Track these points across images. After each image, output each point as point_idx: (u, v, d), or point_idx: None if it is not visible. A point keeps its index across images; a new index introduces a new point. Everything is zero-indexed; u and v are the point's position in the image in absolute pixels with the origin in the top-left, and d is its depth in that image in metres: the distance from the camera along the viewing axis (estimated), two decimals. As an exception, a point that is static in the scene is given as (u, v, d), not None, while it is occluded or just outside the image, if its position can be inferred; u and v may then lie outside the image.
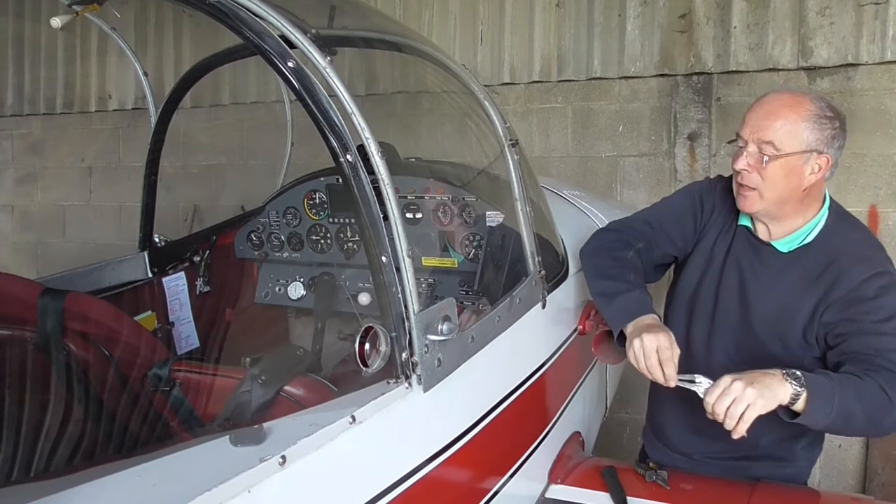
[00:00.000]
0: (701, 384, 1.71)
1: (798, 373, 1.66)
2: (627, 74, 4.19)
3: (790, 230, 1.89)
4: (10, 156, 6.36)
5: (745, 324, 1.94)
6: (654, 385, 2.20)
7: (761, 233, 1.94)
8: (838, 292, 1.81)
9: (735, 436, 1.64)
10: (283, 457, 1.08)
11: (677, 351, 1.76)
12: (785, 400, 1.64)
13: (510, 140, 2.01)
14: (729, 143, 1.91)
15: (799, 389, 1.64)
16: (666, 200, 2.17)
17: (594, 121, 4.34)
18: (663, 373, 1.75)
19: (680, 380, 1.75)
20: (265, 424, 1.19)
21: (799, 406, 1.64)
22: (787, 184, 1.81)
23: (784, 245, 1.90)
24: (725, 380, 1.66)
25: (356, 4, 2.27)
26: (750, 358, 1.95)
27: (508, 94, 4.46)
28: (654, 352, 1.75)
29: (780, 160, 1.77)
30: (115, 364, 1.78)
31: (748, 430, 1.63)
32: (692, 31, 4.00)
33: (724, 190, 2.01)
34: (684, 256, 2.08)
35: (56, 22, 1.60)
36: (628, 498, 1.88)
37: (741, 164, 1.82)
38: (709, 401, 1.66)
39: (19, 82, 6.09)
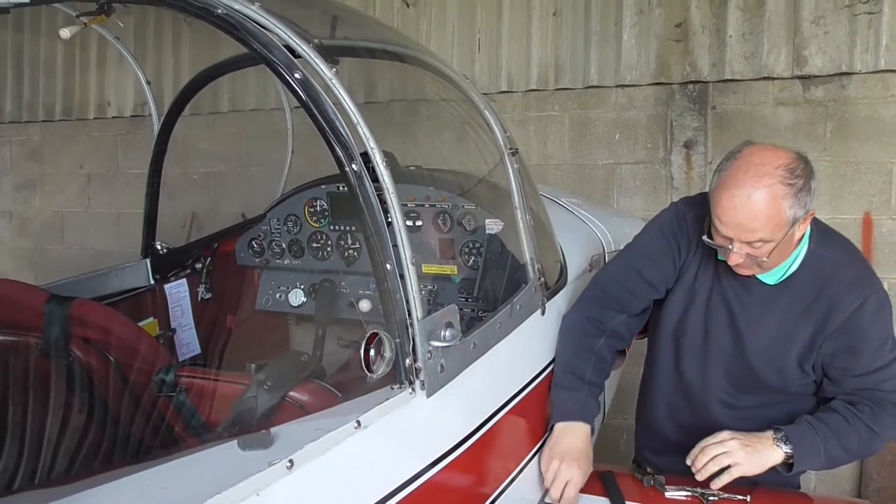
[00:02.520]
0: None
1: (786, 434, 1.80)
2: (624, 83, 4.23)
3: None
4: (8, 163, 6.37)
5: (740, 357, 1.95)
6: (643, 390, 2.23)
7: None
8: (834, 323, 1.83)
9: (715, 486, 1.81)
10: (291, 461, 1.10)
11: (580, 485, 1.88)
12: (778, 461, 1.81)
13: (510, 149, 2.03)
14: (709, 243, 1.81)
15: (790, 451, 1.80)
16: (640, 242, 2.10)
17: (591, 129, 4.37)
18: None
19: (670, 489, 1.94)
20: (272, 429, 1.21)
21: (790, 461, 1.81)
22: (785, 252, 1.80)
23: (770, 278, 1.88)
24: (724, 433, 1.82)
25: (356, 14, 2.30)
26: (746, 388, 1.98)
27: (506, 103, 4.49)
28: (576, 488, 1.86)
29: (777, 247, 1.73)
30: (120, 370, 1.79)
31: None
32: (688, 40, 4.04)
33: (696, 220, 1.95)
34: (666, 292, 2.06)
35: (65, 33, 1.62)
36: (626, 502, 1.91)
37: (735, 261, 1.77)
38: (701, 444, 1.82)
39: (18, 90, 6.11)
